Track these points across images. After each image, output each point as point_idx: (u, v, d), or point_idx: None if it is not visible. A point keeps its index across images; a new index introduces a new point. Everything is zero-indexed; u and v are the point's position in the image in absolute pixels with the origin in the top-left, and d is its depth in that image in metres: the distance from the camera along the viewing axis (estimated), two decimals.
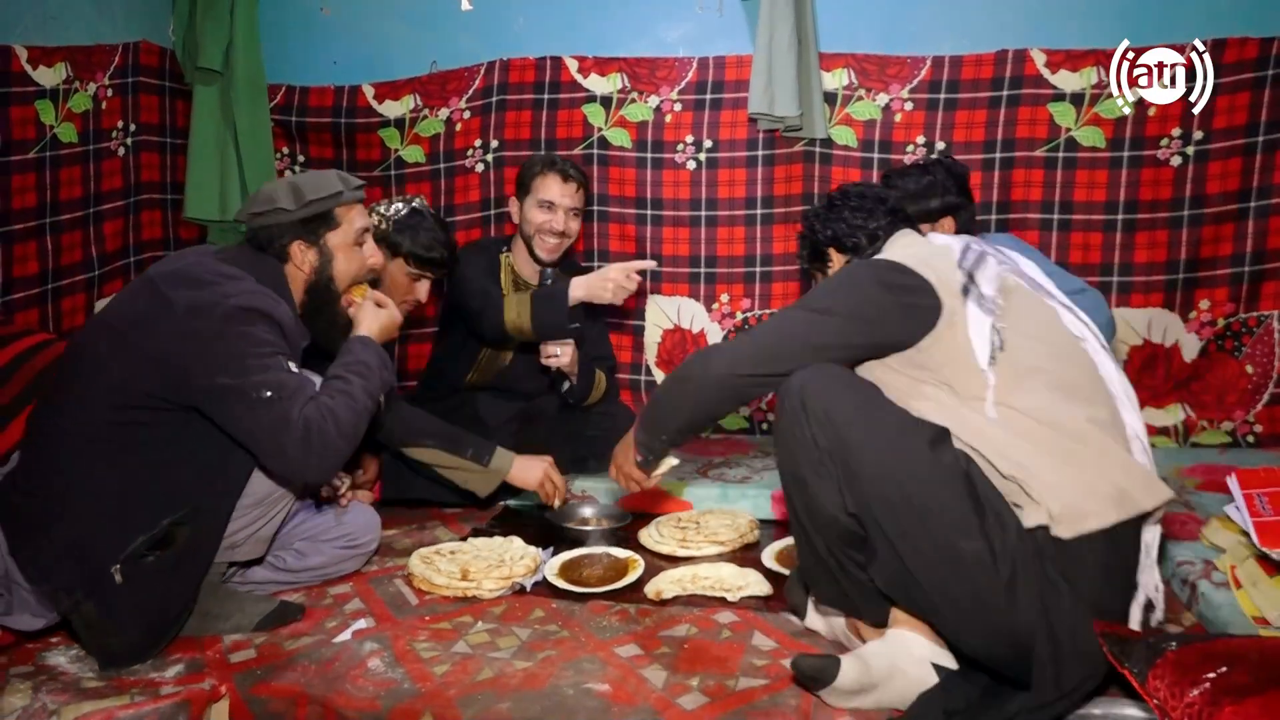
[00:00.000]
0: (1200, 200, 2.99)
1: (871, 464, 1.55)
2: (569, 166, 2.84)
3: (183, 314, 1.75)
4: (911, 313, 1.68)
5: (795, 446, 1.62)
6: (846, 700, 1.61)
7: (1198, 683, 1.34)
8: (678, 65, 3.28)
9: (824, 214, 2.02)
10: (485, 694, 1.69)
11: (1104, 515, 1.52)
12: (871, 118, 3.17)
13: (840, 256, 2.00)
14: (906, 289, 1.69)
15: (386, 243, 2.61)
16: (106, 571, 1.74)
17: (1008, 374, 1.63)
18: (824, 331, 1.72)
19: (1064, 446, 1.57)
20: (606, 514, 2.63)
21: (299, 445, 1.74)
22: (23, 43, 2.70)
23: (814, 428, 1.59)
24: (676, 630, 1.96)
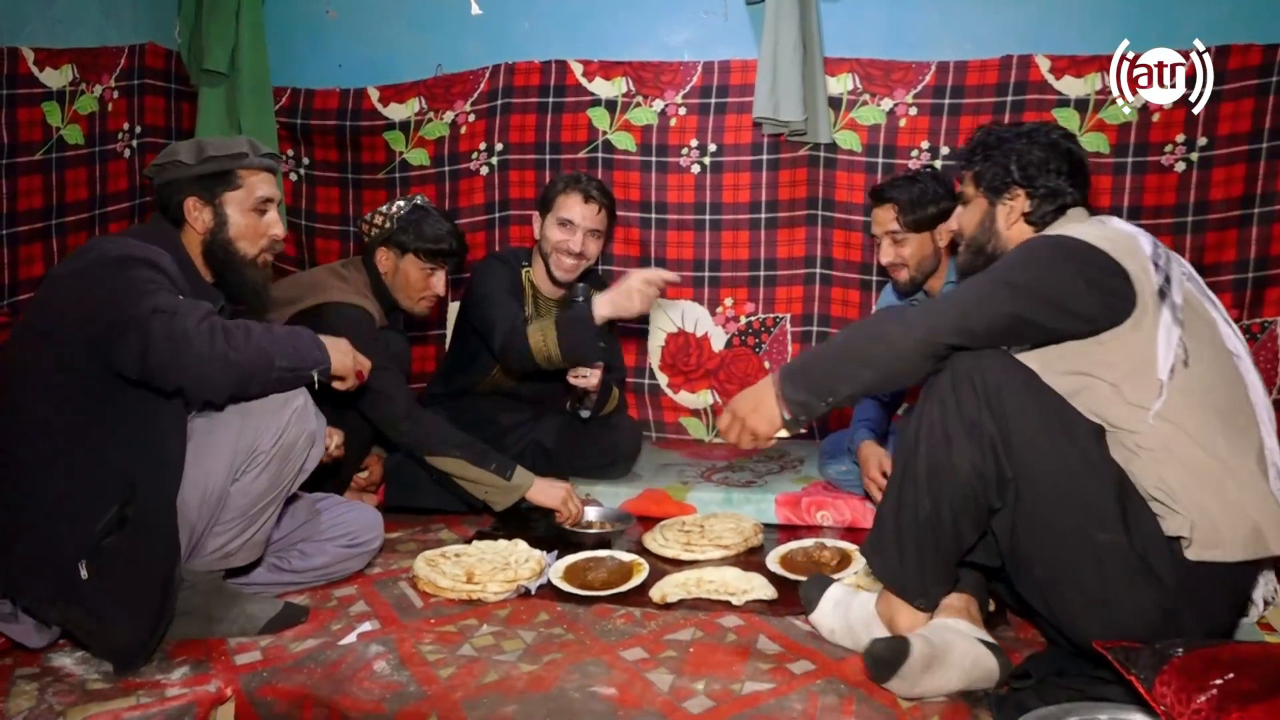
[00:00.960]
0: (1204, 206, 2.99)
1: (1031, 437, 1.60)
2: (593, 187, 2.78)
3: (67, 279, 1.82)
4: (1107, 305, 1.64)
5: (951, 406, 1.63)
6: (915, 683, 1.63)
7: (1204, 689, 1.35)
8: (682, 69, 3.29)
9: (1017, 143, 1.88)
10: (491, 697, 1.70)
11: (1232, 551, 1.57)
12: (876, 123, 3.17)
13: (1022, 199, 1.87)
14: (1106, 279, 1.64)
15: (393, 242, 2.62)
16: (74, 569, 1.74)
17: (1181, 390, 1.61)
18: (1021, 309, 1.66)
19: (1213, 474, 1.59)
20: (611, 517, 2.63)
21: (182, 351, 1.70)
22: (30, 45, 2.70)
23: (980, 396, 1.61)
24: (681, 634, 1.96)
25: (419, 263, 2.63)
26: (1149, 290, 1.64)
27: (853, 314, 3.29)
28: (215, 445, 1.86)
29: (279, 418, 1.87)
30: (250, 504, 1.91)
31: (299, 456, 1.94)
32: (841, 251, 3.27)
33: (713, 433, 3.42)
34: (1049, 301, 1.65)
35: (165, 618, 1.83)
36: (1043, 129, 1.90)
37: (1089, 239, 1.68)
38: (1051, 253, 1.69)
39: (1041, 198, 1.85)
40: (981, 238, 1.92)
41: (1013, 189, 1.87)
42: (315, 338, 1.93)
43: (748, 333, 3.38)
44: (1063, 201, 1.85)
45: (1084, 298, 1.64)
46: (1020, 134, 1.89)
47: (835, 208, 3.25)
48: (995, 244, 1.90)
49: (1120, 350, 1.64)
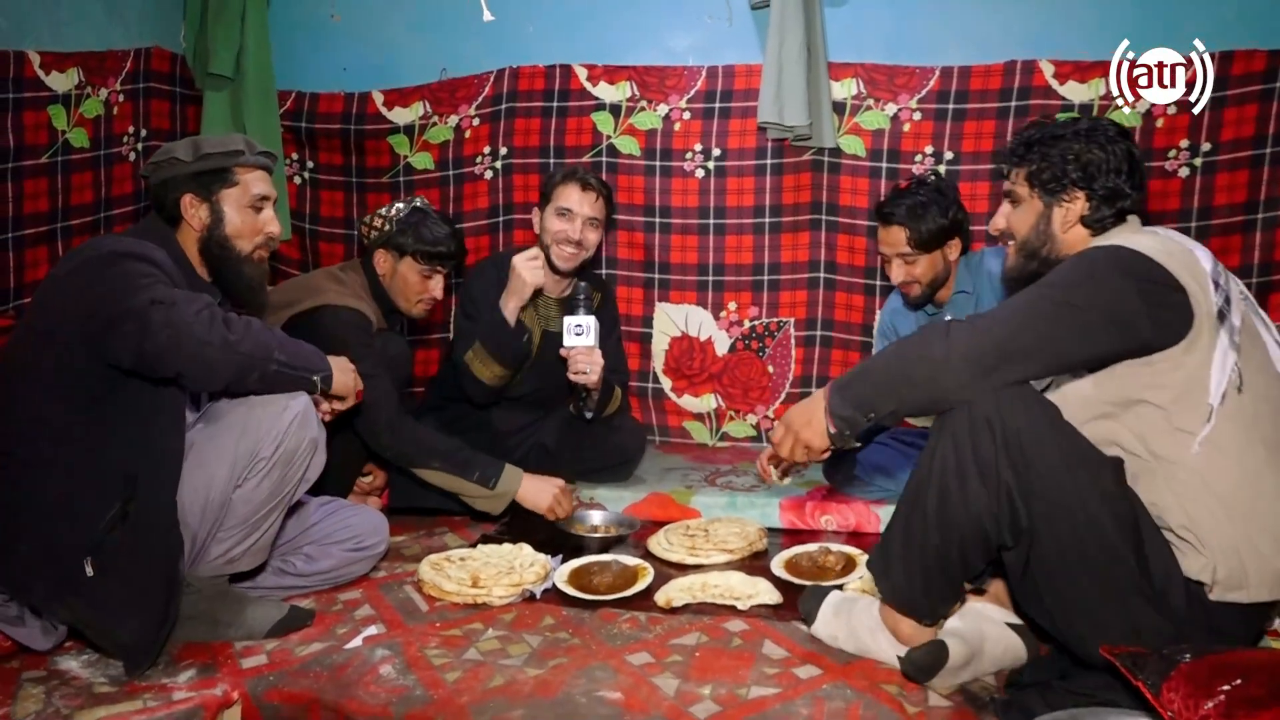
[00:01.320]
0: (1208, 212, 2.99)
1: (1050, 483, 1.56)
2: (590, 176, 2.82)
3: (63, 279, 1.84)
4: (1164, 324, 1.57)
5: (967, 449, 1.59)
6: (953, 678, 1.68)
7: (1212, 695, 1.35)
8: (687, 74, 3.29)
9: (1075, 141, 1.79)
10: (497, 701, 1.70)
11: (1257, 593, 1.57)
12: (880, 127, 3.18)
13: (1080, 201, 1.78)
14: (1164, 296, 1.57)
15: (392, 244, 2.63)
16: (80, 568, 1.75)
17: (1230, 417, 1.57)
18: (1073, 332, 1.59)
19: (1249, 510, 1.57)
20: (615, 521, 2.63)
21: (182, 337, 1.71)
22: (36, 48, 2.71)
23: (998, 442, 1.56)
24: (687, 638, 1.96)
25: (417, 265, 2.63)
26: (1207, 311, 1.58)
27: (856, 318, 3.30)
28: (216, 452, 1.86)
29: (278, 425, 1.87)
30: (253, 511, 1.91)
31: (301, 463, 1.94)
32: (845, 256, 3.27)
33: (716, 436, 3.42)
34: (1103, 322, 1.58)
35: (171, 614, 1.83)
36: (1101, 126, 1.81)
37: (1148, 252, 1.61)
38: (1108, 267, 1.61)
39: (1101, 199, 1.76)
40: (1035, 241, 1.83)
41: (1071, 190, 1.78)
42: (319, 353, 1.96)
43: (751, 337, 3.38)
44: (1122, 205, 1.76)
45: (1141, 317, 1.57)
46: (1078, 131, 1.80)
47: (839, 212, 3.25)
48: (1050, 248, 1.81)
49: (1171, 373, 1.58)
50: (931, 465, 1.65)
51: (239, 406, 1.88)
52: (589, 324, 2.63)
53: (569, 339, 2.64)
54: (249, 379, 1.83)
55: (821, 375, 3.34)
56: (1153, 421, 1.60)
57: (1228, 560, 1.55)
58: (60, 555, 1.75)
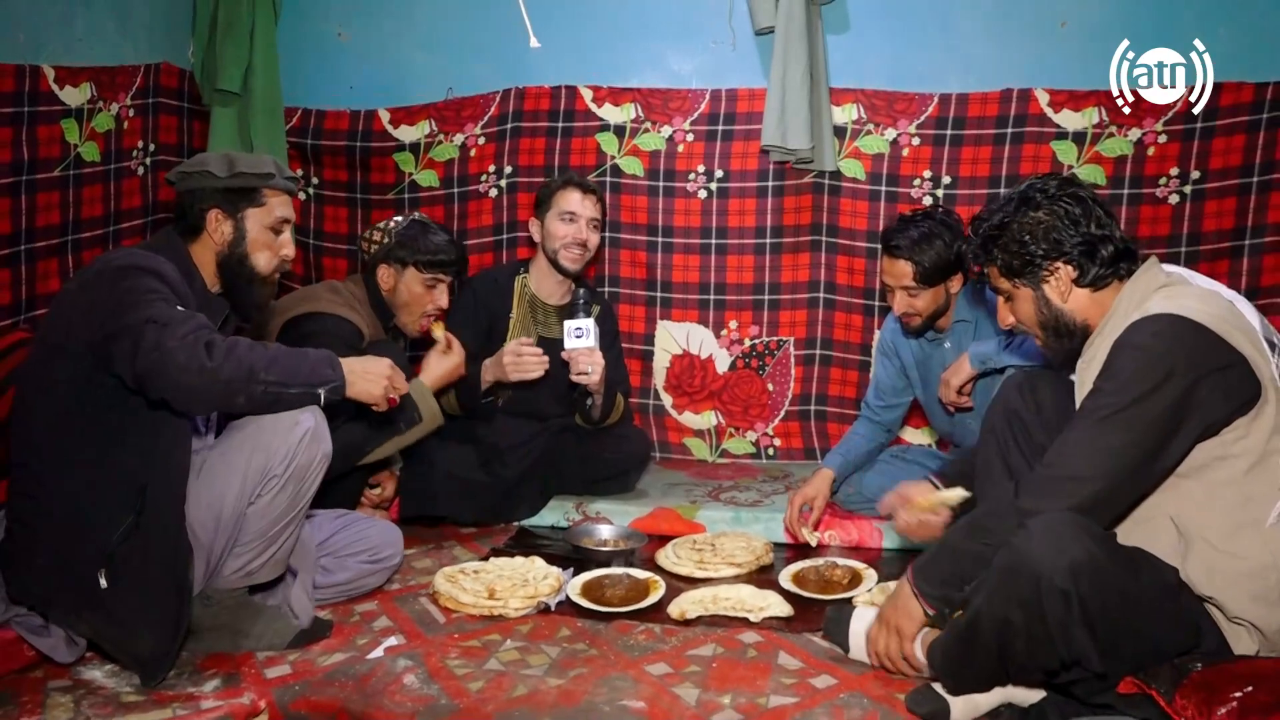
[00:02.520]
0: (1197, 238, 3.09)
1: (1126, 641, 1.51)
2: (586, 180, 2.94)
3: (75, 293, 1.87)
4: (1233, 402, 1.56)
5: (1036, 617, 1.50)
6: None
7: (1225, 701, 1.41)
8: (690, 96, 3.36)
9: (1018, 218, 1.75)
10: (522, 710, 1.73)
11: None
12: (880, 151, 3.26)
13: (1063, 269, 1.74)
14: (1224, 371, 1.55)
15: (393, 257, 2.66)
16: (94, 580, 1.77)
17: None
18: (1151, 451, 1.56)
19: None
20: (623, 535, 2.66)
21: (165, 362, 1.73)
22: (50, 63, 2.73)
23: (1074, 614, 1.47)
24: (703, 650, 2.00)
25: (420, 275, 2.66)
26: (1269, 376, 1.56)
27: (855, 338, 3.36)
28: (226, 470, 1.88)
29: (288, 441, 1.88)
30: (269, 525, 1.93)
31: (314, 478, 1.95)
32: (845, 277, 3.34)
33: (716, 453, 3.47)
34: (1176, 426, 1.55)
35: (184, 624, 1.84)
36: (1031, 190, 1.77)
37: (1202, 320, 1.56)
38: (1169, 363, 1.55)
39: (1081, 257, 1.72)
40: (1048, 322, 1.79)
41: (1048, 264, 1.74)
42: (330, 360, 1.95)
43: (751, 355, 3.44)
44: (1106, 249, 1.71)
45: (1215, 405, 1.55)
46: (1015, 207, 1.76)
47: (839, 234, 3.32)
48: (1064, 321, 1.77)
49: (1239, 441, 1.57)
50: (994, 616, 1.57)
51: (250, 424, 1.89)
52: (588, 326, 2.68)
53: (570, 341, 2.69)
54: (236, 402, 1.83)
55: (820, 393, 3.40)
56: (1221, 494, 1.59)
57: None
58: (76, 568, 1.78)
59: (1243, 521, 1.57)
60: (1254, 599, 1.56)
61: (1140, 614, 1.51)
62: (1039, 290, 1.78)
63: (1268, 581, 1.55)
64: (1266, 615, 1.56)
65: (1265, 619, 1.56)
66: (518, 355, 2.65)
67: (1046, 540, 1.50)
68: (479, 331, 2.88)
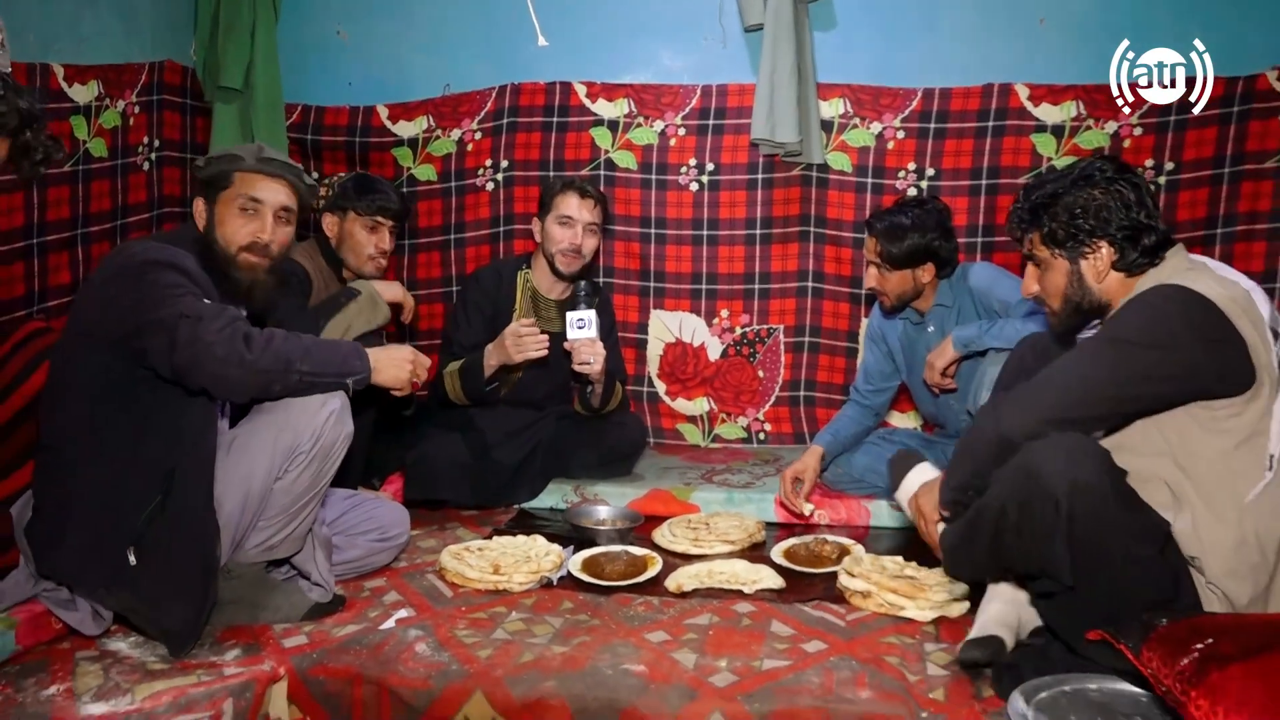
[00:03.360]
0: (1172, 227, 3.16)
1: (1107, 574, 1.65)
2: (587, 185, 3.00)
3: (99, 285, 1.95)
4: (1226, 378, 1.64)
5: (1031, 518, 1.65)
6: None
7: (1187, 653, 1.50)
8: (682, 92, 3.45)
9: (1075, 192, 1.81)
10: (530, 674, 1.82)
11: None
12: (865, 145, 3.36)
13: (1105, 248, 1.79)
14: (1224, 347, 1.63)
15: (336, 206, 2.80)
16: (123, 557, 1.85)
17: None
18: (1134, 376, 1.67)
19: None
20: (621, 515, 2.76)
21: (202, 356, 1.81)
22: (59, 61, 2.81)
23: (1062, 526, 1.62)
24: (699, 619, 2.10)
25: (361, 219, 2.77)
26: (1267, 364, 1.64)
27: (843, 325, 3.47)
28: (258, 446, 1.97)
29: (316, 421, 1.98)
30: (293, 501, 2.02)
31: (337, 456, 2.05)
32: (833, 266, 3.45)
33: (709, 438, 3.57)
34: (1166, 369, 1.64)
35: (210, 599, 1.93)
36: (1092, 168, 1.81)
37: (1212, 297, 1.64)
38: (1171, 316, 1.65)
39: (1125, 241, 1.76)
40: (1074, 296, 1.84)
41: (1091, 240, 1.78)
42: (359, 352, 2.05)
43: (742, 343, 3.54)
44: (1147, 240, 1.76)
45: (1204, 370, 1.64)
46: (1075, 181, 1.80)
47: (827, 224, 3.42)
48: (1090, 299, 1.83)
49: (1232, 419, 1.65)
50: (999, 523, 1.71)
51: (279, 405, 1.99)
52: (590, 318, 2.77)
53: (572, 332, 2.78)
54: (272, 391, 1.94)
55: (809, 379, 3.51)
56: (1211, 465, 1.67)
57: (1252, 608, 1.66)
58: (106, 546, 1.86)
59: (1227, 494, 1.67)
60: (1228, 572, 1.66)
61: (1123, 548, 1.62)
62: (1076, 265, 1.82)
63: (1241, 556, 1.66)
64: (1237, 589, 1.66)
65: (1236, 592, 1.66)
66: (518, 336, 2.72)
67: (1061, 455, 1.62)
68: (484, 320, 2.97)
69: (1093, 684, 1.72)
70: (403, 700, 1.81)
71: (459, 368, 2.88)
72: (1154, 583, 1.66)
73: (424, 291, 3.59)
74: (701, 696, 1.74)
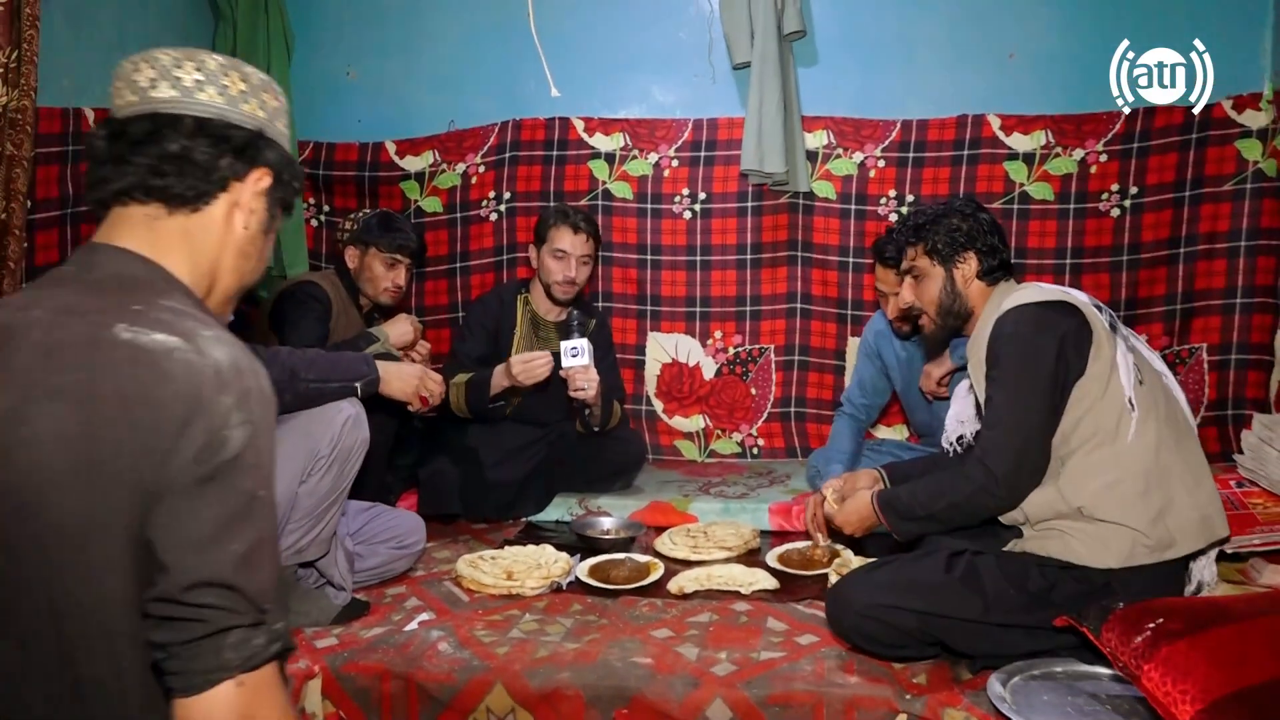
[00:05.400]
0: (1137, 247, 3.40)
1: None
2: (580, 220, 3.11)
3: None
4: (1079, 347, 1.92)
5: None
6: None
7: (1141, 631, 1.67)
8: (675, 126, 3.65)
9: (948, 218, 2.17)
10: (546, 667, 1.98)
11: (1184, 546, 1.91)
12: (849, 173, 3.56)
13: (972, 259, 2.15)
14: (1069, 323, 1.93)
15: (358, 241, 2.97)
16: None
17: (1141, 404, 1.92)
18: (1052, 402, 1.92)
19: (1165, 480, 1.91)
20: (623, 526, 2.92)
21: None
22: (91, 105, 2.98)
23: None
24: (700, 617, 2.26)
25: (381, 255, 2.94)
26: (1101, 323, 1.96)
27: (830, 344, 3.65)
28: (282, 453, 2.11)
29: (332, 427, 2.15)
30: (317, 504, 2.18)
31: (355, 460, 2.22)
32: (820, 289, 3.63)
33: (705, 453, 3.74)
34: (1055, 377, 1.91)
35: None
36: (956, 204, 2.21)
37: (1044, 297, 1.99)
38: (1030, 335, 1.95)
39: (986, 254, 2.15)
40: (947, 301, 2.18)
41: (963, 252, 2.15)
42: (365, 359, 2.23)
43: (735, 362, 3.72)
44: (1001, 257, 2.16)
45: (1073, 354, 1.92)
46: (944, 211, 2.19)
47: (814, 249, 3.62)
48: (959, 304, 2.18)
49: (1087, 383, 1.92)
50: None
51: (300, 414, 2.16)
52: (583, 346, 2.92)
53: (566, 361, 2.92)
54: (282, 400, 2.07)
55: (800, 396, 3.69)
56: (1083, 421, 1.93)
57: (1155, 529, 1.89)
58: None
59: (1100, 442, 1.92)
60: (1122, 506, 1.89)
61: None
62: (950, 273, 2.17)
63: (1129, 486, 1.89)
64: (1134, 515, 1.88)
65: (1131, 518, 1.88)
66: (526, 363, 2.87)
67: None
68: (487, 335, 3.14)
69: (1059, 666, 1.90)
70: (429, 693, 1.96)
71: (466, 380, 3.00)
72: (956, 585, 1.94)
73: (431, 318, 3.76)
74: (704, 684, 1.90)
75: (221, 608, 0.97)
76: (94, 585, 0.95)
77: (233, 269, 1.20)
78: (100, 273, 1.08)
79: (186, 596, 0.96)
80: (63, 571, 0.95)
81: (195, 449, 0.96)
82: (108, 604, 0.96)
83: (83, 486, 0.95)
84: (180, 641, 0.96)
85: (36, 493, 0.95)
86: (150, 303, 1.04)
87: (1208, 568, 2.03)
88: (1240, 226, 3.33)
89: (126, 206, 1.12)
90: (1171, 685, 1.56)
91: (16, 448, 0.95)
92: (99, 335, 0.99)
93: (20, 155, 2.36)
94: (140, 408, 0.96)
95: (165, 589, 0.96)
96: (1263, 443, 2.54)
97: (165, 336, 1.00)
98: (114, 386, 0.96)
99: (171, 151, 1.11)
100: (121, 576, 0.96)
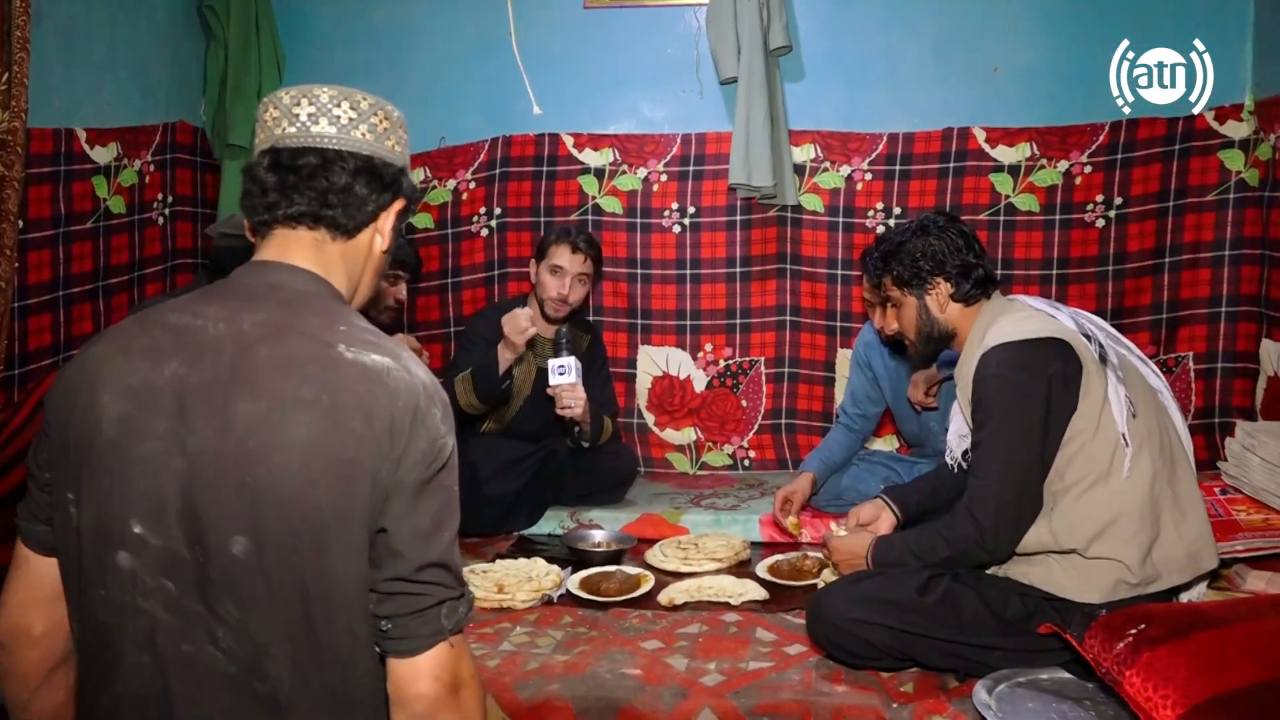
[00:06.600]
0: (1122, 257, 3.43)
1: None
2: (581, 240, 3.14)
3: None
4: (1069, 384, 1.91)
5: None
6: None
7: (1123, 637, 1.69)
8: (664, 141, 3.68)
9: (914, 241, 2.14)
10: (536, 680, 1.99)
11: (1169, 579, 1.93)
12: (836, 186, 3.59)
13: (942, 284, 2.12)
14: (1058, 362, 1.91)
15: None
16: None
17: (1134, 439, 1.91)
18: (1040, 448, 1.92)
19: (1154, 516, 1.92)
20: (614, 538, 2.93)
21: None
22: (82, 125, 3.01)
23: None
24: (690, 629, 2.27)
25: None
26: (1090, 356, 1.94)
27: (820, 356, 3.68)
28: None
29: None
30: None
31: None
32: (809, 300, 3.66)
33: (696, 466, 3.75)
34: (1046, 432, 1.91)
35: None
36: (929, 220, 2.17)
37: (1031, 334, 1.96)
38: (1018, 381, 1.93)
39: (957, 277, 2.11)
40: (925, 328, 2.17)
41: (931, 278, 2.12)
42: None
43: (726, 375, 3.74)
44: (977, 274, 2.11)
45: (1064, 395, 1.91)
46: (913, 231, 2.16)
47: (802, 262, 3.65)
48: (938, 328, 2.16)
49: (1084, 418, 1.92)
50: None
51: None
52: (570, 364, 2.95)
53: (554, 379, 2.95)
54: None
55: (790, 408, 3.71)
56: (1076, 458, 1.93)
57: (1143, 567, 1.90)
58: None
59: (1094, 481, 1.92)
60: (1114, 546, 1.90)
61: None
62: (922, 300, 2.16)
63: (1122, 525, 1.90)
64: (1123, 550, 1.90)
65: (1120, 553, 1.90)
66: (510, 321, 2.95)
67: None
68: (487, 346, 3.13)
69: (1044, 674, 1.92)
70: None
71: (471, 371, 3.01)
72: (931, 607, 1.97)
73: (424, 333, 3.77)
74: (693, 695, 1.91)
75: (440, 584, 1.16)
76: (338, 567, 1.11)
77: (370, 284, 1.34)
78: (288, 290, 1.20)
79: (417, 576, 1.14)
80: (312, 557, 1.10)
81: (420, 453, 1.14)
82: (347, 583, 1.12)
83: (333, 484, 1.10)
84: (408, 613, 1.14)
85: (293, 490, 1.09)
86: (348, 323, 1.19)
87: (1197, 595, 2.04)
88: (1224, 236, 3.36)
89: (295, 230, 1.24)
90: (1153, 690, 1.58)
91: (274, 451, 1.09)
92: (328, 355, 1.14)
93: (11, 176, 2.40)
94: (377, 419, 1.11)
95: (399, 570, 1.13)
96: (1246, 450, 2.57)
97: (380, 357, 1.15)
98: (352, 400, 1.11)
99: (339, 185, 1.22)
100: (358, 560, 1.12)
